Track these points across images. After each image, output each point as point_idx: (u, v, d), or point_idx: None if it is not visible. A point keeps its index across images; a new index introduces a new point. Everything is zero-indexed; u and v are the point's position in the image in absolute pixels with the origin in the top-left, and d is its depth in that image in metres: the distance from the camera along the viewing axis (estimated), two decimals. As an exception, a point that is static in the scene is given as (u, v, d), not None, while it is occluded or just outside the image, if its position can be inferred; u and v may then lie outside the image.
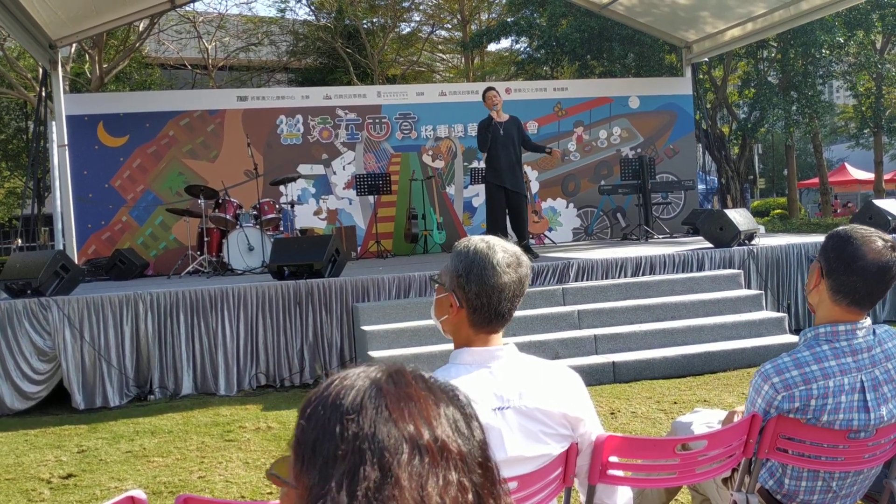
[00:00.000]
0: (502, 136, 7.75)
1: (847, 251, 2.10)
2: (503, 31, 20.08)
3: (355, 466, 0.74)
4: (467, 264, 1.88)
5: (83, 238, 10.36)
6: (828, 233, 2.22)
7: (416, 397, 0.80)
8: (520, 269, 1.89)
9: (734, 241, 7.82)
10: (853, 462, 2.17)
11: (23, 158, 22.22)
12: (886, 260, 2.08)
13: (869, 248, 2.09)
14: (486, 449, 0.83)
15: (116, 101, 11.32)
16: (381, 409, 0.78)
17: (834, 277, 2.12)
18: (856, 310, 2.13)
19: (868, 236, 2.11)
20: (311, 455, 0.77)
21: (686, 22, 11.76)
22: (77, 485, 4.36)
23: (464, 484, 0.77)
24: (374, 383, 0.81)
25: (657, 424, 4.86)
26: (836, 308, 2.14)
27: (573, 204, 11.99)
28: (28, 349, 6.27)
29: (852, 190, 32.02)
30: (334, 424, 0.77)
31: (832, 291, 2.13)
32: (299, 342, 6.69)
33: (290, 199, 9.81)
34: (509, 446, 1.81)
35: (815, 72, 18.13)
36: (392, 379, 0.82)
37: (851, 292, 2.11)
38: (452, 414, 0.81)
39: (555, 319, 6.61)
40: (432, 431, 0.78)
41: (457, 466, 0.77)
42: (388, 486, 0.74)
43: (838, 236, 2.15)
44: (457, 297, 1.89)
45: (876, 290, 2.10)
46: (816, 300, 2.20)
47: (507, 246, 1.91)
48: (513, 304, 1.89)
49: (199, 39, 22.37)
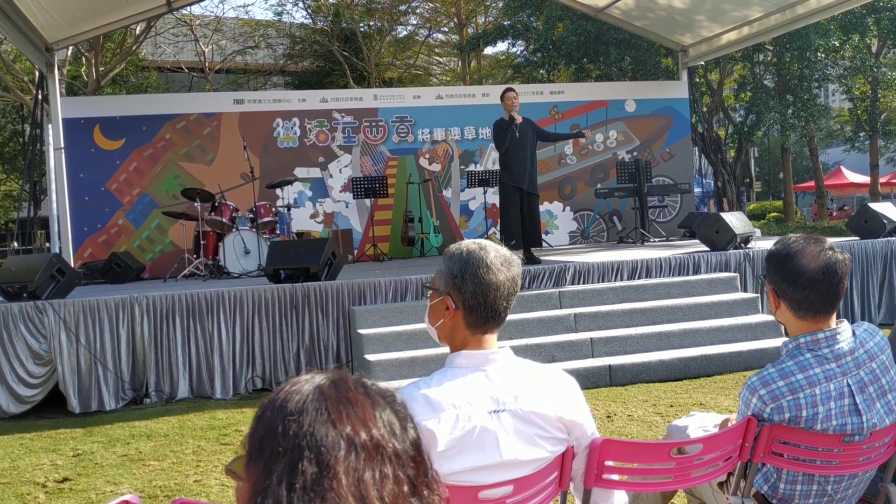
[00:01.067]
0: (518, 138, 7.76)
1: (788, 268, 2.11)
2: (500, 34, 20.10)
3: (294, 462, 0.82)
4: (462, 265, 1.90)
5: (79, 241, 10.35)
6: (766, 254, 2.21)
7: (355, 402, 0.88)
8: (511, 268, 1.93)
9: (730, 244, 7.83)
10: (848, 465, 2.18)
11: (19, 161, 22.19)
12: (826, 261, 2.09)
13: (807, 257, 2.09)
14: (419, 445, 0.91)
15: (113, 104, 11.31)
16: (321, 412, 0.86)
17: (788, 296, 2.14)
18: (822, 318, 2.15)
19: (802, 247, 2.12)
20: (257, 452, 0.86)
21: (682, 26, 11.79)
22: (72, 489, 4.35)
23: (399, 476, 0.85)
24: (317, 389, 0.89)
25: (653, 428, 4.87)
26: (803, 323, 2.16)
27: (570, 207, 12.00)
28: (24, 352, 6.25)
29: (848, 193, 32.13)
30: (277, 424, 0.85)
31: (793, 310, 2.16)
32: (295, 346, 6.69)
33: (286, 202, 9.80)
34: (505, 449, 1.81)
35: (811, 75, 18.18)
36: (334, 385, 0.90)
37: (810, 305, 2.12)
38: (388, 417, 0.89)
39: (551, 323, 6.61)
40: (368, 432, 0.86)
41: (391, 461, 0.85)
42: (327, 479, 0.81)
43: (776, 256, 2.16)
44: (453, 299, 1.90)
45: (831, 294, 2.11)
46: (784, 320, 2.22)
47: (497, 247, 1.95)
48: (507, 302, 1.92)
49: (196, 42, 22.37)
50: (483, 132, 11.58)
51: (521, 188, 7.79)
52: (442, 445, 1.77)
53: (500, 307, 1.90)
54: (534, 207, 7.96)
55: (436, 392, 1.81)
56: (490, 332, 1.93)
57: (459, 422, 1.79)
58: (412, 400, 1.82)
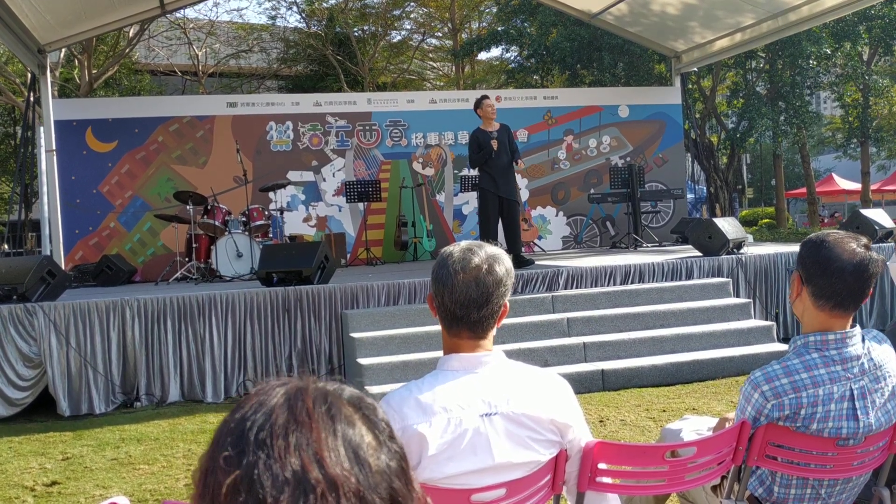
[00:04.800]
0: (497, 149, 7.75)
1: (822, 255, 2.12)
2: (493, 39, 20.14)
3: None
4: (435, 266, 1.89)
5: (70, 244, 10.29)
6: (802, 241, 2.23)
7: (310, 425, 0.74)
8: (480, 273, 1.82)
9: (723, 249, 7.85)
10: (842, 469, 2.17)
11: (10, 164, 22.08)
12: (861, 258, 2.10)
13: (843, 249, 2.10)
14: (402, 471, 0.77)
15: (105, 106, 11.28)
16: (264, 444, 0.72)
17: (814, 283, 2.13)
18: (840, 312, 2.14)
19: (841, 238, 2.13)
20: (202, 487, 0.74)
21: (675, 32, 11.83)
22: (61, 492, 4.31)
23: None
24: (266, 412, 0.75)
25: (646, 432, 4.86)
26: (820, 314, 2.15)
27: (563, 212, 12.01)
28: (13, 355, 6.21)
29: (839, 200, 32.23)
30: (217, 458, 0.73)
31: (814, 297, 2.14)
32: (287, 349, 6.66)
33: (279, 205, 9.78)
34: (497, 452, 1.80)
35: (803, 82, 18.27)
36: (288, 404, 0.76)
37: (833, 295, 2.11)
38: (355, 439, 0.75)
39: (544, 327, 6.60)
40: (322, 467, 0.71)
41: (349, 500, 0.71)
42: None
43: (812, 242, 2.17)
44: (434, 301, 1.90)
45: (856, 290, 2.11)
46: (801, 309, 2.21)
47: (479, 251, 1.86)
48: (468, 310, 1.82)
49: (190, 46, 22.32)
50: (476, 137, 11.58)
51: (499, 195, 7.76)
52: (433, 449, 1.76)
53: (460, 313, 1.82)
54: (513, 214, 7.91)
55: (427, 396, 1.80)
56: (467, 337, 1.86)
57: (451, 425, 1.77)
58: (403, 404, 1.80)
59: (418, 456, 1.77)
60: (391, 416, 1.79)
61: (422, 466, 1.78)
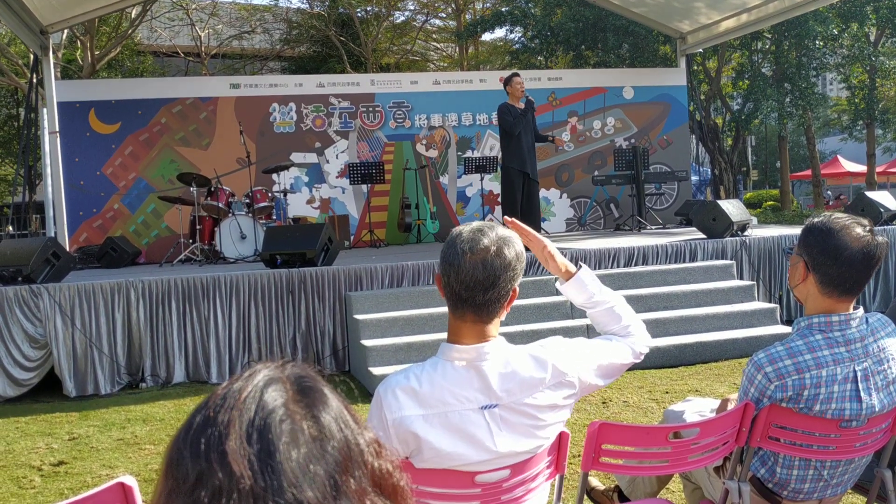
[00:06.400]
0: (523, 123, 7.82)
1: (830, 243, 2.09)
2: (497, 20, 20.02)
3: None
4: (444, 246, 1.83)
5: (74, 225, 10.30)
6: (804, 225, 2.21)
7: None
8: (489, 255, 1.76)
9: (727, 232, 7.83)
10: (844, 451, 2.18)
11: (14, 146, 22.06)
12: (868, 245, 2.09)
13: (850, 236, 2.08)
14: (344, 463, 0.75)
15: (108, 87, 11.24)
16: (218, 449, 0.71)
17: (822, 271, 2.11)
18: (846, 298, 2.14)
19: (847, 224, 2.11)
20: (167, 472, 0.74)
21: (680, 12, 11.74)
22: (68, 472, 4.35)
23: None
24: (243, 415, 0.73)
25: (649, 414, 4.88)
26: (827, 300, 2.15)
27: (566, 194, 11.99)
28: (19, 336, 6.24)
29: (844, 182, 32.15)
30: (185, 452, 0.73)
31: (821, 285, 2.13)
32: (292, 331, 6.68)
33: (282, 187, 9.77)
34: (499, 443, 1.79)
35: (809, 64, 18.14)
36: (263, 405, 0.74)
37: (841, 283, 2.11)
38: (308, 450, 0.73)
39: (547, 309, 6.61)
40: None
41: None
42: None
43: (818, 229, 2.13)
44: (441, 281, 1.84)
45: (863, 276, 2.11)
46: (804, 295, 2.19)
47: (490, 232, 1.80)
48: (473, 292, 1.75)
49: (192, 27, 22.23)
50: (480, 118, 11.54)
51: (525, 172, 7.81)
52: (433, 443, 1.75)
53: (465, 295, 1.76)
54: (535, 193, 7.98)
55: (426, 389, 1.77)
56: (471, 320, 1.79)
57: (449, 420, 1.76)
58: (402, 393, 1.77)
59: (416, 445, 1.77)
60: (388, 403, 1.78)
61: (421, 457, 1.78)
